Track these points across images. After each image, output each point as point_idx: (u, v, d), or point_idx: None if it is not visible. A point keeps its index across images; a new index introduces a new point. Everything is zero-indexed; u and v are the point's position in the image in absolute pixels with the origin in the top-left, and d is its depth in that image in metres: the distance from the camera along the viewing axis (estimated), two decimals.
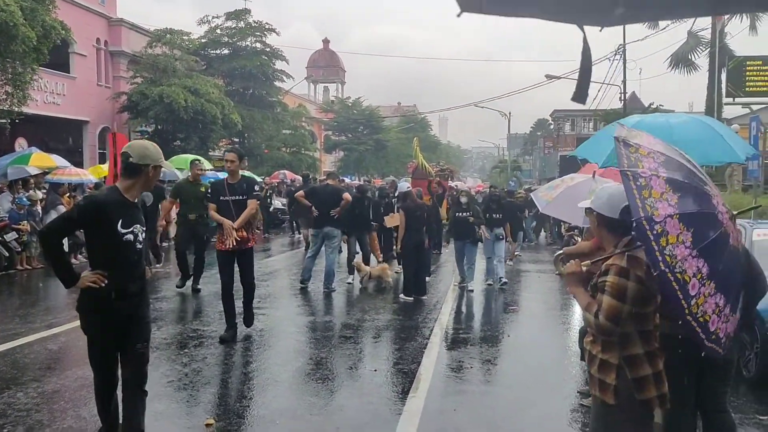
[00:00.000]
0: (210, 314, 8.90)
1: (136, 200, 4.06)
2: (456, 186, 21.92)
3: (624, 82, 30.00)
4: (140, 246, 4.06)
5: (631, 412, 3.01)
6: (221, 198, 7.27)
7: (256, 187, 7.54)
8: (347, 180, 28.76)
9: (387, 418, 5.16)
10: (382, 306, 9.89)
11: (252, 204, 7.27)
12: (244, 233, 7.24)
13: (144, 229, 4.09)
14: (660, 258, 2.41)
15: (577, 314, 8.97)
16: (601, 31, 2.29)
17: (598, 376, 3.09)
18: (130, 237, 3.96)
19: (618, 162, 2.63)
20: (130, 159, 3.98)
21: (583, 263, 3.19)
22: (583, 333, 3.30)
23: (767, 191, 18.53)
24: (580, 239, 8.30)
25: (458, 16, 1.96)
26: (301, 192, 11.89)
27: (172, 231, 14.52)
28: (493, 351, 7.42)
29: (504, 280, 11.56)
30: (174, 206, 11.16)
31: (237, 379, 6.09)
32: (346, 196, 10.82)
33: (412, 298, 10.03)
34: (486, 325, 9.00)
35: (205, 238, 10.96)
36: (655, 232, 2.43)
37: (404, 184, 11.94)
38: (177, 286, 10.50)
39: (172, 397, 5.61)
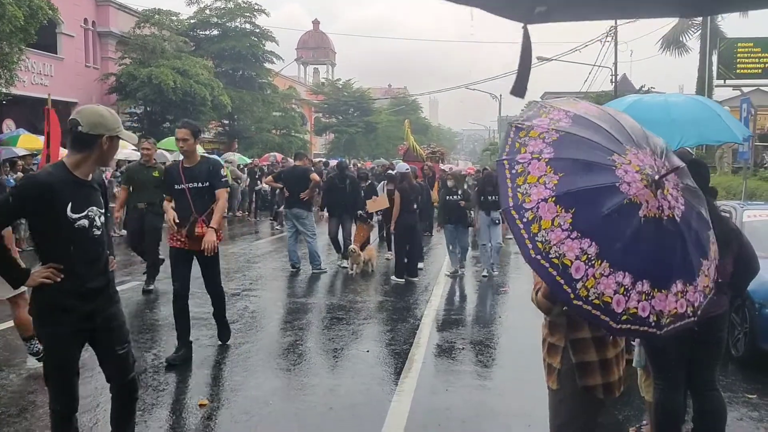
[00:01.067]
0: (201, 295, 8.88)
1: (89, 178, 3.36)
2: (451, 168, 21.87)
3: (615, 64, 30.02)
4: (99, 232, 3.37)
5: (573, 399, 2.97)
6: (176, 186, 5.93)
7: (223, 171, 6.17)
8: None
9: (380, 398, 5.19)
10: (373, 288, 9.91)
11: (222, 195, 5.96)
12: (203, 228, 5.83)
13: (102, 212, 3.41)
14: (531, 245, 2.23)
15: None
16: (524, 27, 2.26)
17: (547, 360, 3.08)
18: (85, 222, 3.28)
19: (499, 151, 2.49)
20: (80, 128, 3.29)
21: None
22: None
23: (756, 173, 18.66)
24: None
25: None
26: (270, 177, 12.79)
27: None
28: (485, 332, 7.45)
29: (495, 272, 10.79)
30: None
31: (229, 360, 6.10)
32: (314, 176, 10.89)
33: (403, 280, 10.06)
34: (477, 306, 9.05)
35: (157, 228, 9.17)
36: (525, 219, 2.26)
37: (403, 165, 11.65)
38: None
39: (165, 379, 5.62)
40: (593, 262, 2.21)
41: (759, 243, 5.75)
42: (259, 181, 22.20)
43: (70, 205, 3.22)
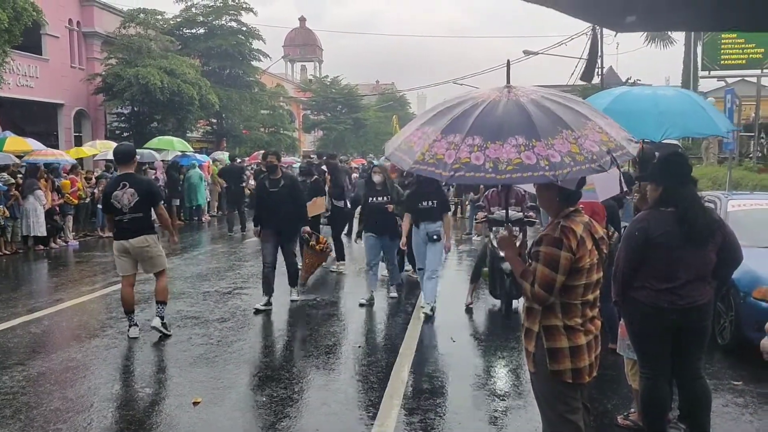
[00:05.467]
0: (193, 295, 8.91)
1: None
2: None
3: (601, 56, 30.11)
4: None
5: (547, 381, 3.10)
6: None
7: None
8: None
9: (372, 392, 5.24)
10: (364, 284, 9.94)
11: None
12: None
13: None
14: (419, 166, 2.88)
15: None
16: (615, 36, 2.61)
17: (524, 344, 3.21)
18: None
19: (404, 166, 3.05)
20: None
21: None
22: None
23: (742, 163, 18.84)
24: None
25: None
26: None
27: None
28: (474, 323, 7.52)
29: (432, 305, 7.75)
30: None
31: (222, 359, 6.13)
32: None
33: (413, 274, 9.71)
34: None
35: None
36: (416, 158, 2.90)
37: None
38: None
39: (159, 377, 5.66)
40: (428, 137, 2.92)
41: (743, 232, 5.84)
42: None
43: None
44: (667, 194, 3.85)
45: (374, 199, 8.38)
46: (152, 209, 6.84)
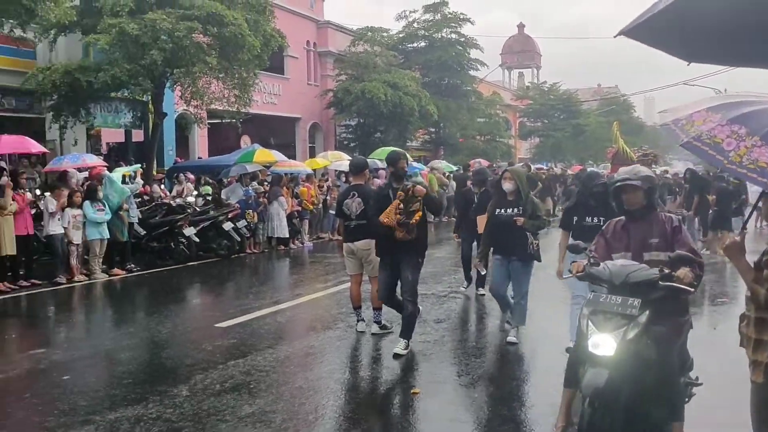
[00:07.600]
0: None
1: None
2: (658, 172, 20.51)
3: None
4: None
5: None
6: None
7: None
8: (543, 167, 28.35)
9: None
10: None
11: None
12: None
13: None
14: (694, 141, 2.86)
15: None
16: None
17: (752, 357, 3.15)
18: None
19: (676, 139, 3.04)
20: None
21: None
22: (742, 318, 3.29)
23: None
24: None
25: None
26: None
27: None
28: None
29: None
30: None
31: (438, 356, 6.61)
32: None
33: None
34: None
35: None
36: (694, 135, 2.92)
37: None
38: None
39: (383, 368, 6.34)
40: (743, 138, 2.77)
41: None
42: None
43: None
44: None
45: (503, 211, 6.83)
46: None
